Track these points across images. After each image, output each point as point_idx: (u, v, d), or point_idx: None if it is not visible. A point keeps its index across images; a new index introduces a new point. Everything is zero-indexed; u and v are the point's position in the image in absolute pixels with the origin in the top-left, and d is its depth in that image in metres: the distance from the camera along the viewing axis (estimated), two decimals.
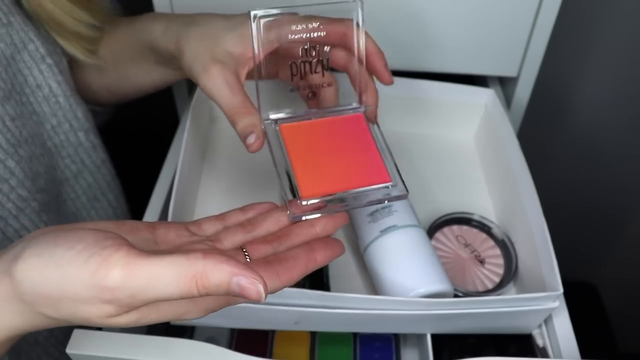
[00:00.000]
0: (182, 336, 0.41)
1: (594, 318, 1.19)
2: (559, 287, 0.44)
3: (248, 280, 0.30)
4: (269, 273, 0.34)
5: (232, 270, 0.30)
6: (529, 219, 0.51)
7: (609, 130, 0.97)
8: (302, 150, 0.42)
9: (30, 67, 0.52)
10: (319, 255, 0.37)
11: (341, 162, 0.41)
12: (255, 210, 0.41)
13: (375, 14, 0.60)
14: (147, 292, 0.29)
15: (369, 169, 0.41)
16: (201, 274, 0.30)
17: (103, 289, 0.29)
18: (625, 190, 1.06)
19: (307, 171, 0.41)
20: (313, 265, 0.36)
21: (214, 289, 0.30)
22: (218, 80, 0.43)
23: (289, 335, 0.50)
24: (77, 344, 0.40)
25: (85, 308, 0.30)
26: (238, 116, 0.42)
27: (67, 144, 0.57)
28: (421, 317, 0.45)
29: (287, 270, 0.35)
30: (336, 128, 0.44)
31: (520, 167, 0.53)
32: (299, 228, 0.39)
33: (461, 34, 0.62)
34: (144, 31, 0.54)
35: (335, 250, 0.38)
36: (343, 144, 0.43)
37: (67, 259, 0.30)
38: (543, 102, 0.87)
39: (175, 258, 0.30)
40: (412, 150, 0.64)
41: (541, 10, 0.59)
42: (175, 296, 0.30)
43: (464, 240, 0.56)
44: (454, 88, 0.63)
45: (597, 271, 1.22)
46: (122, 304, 0.30)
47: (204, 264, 0.30)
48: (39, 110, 0.54)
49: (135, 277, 0.29)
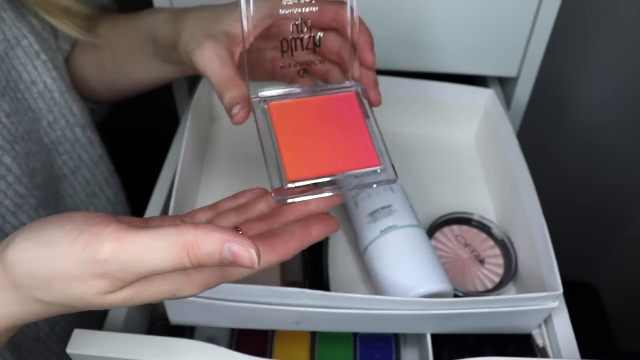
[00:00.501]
0: (182, 336, 0.41)
1: (594, 318, 1.19)
2: (558, 287, 0.44)
3: (240, 247, 0.30)
4: (264, 247, 0.33)
5: (224, 238, 0.30)
6: (529, 219, 0.51)
7: (608, 130, 0.98)
8: (290, 130, 0.40)
9: (24, 63, 0.52)
10: (314, 229, 0.36)
11: (329, 143, 0.40)
12: (246, 196, 0.41)
13: (375, 14, 0.60)
14: (138, 264, 0.29)
15: (358, 151, 0.40)
16: (192, 243, 0.29)
17: (94, 262, 0.29)
18: (625, 191, 1.06)
19: (293, 153, 0.39)
20: (309, 239, 0.36)
21: (205, 258, 0.30)
22: (210, 54, 0.42)
23: (289, 335, 0.50)
24: (77, 343, 0.40)
25: (79, 286, 0.30)
26: (226, 89, 0.41)
27: (63, 140, 0.57)
28: (421, 317, 0.45)
29: (283, 243, 0.34)
30: (327, 107, 0.42)
31: (520, 167, 0.53)
32: (292, 207, 0.38)
33: (461, 34, 0.62)
34: (146, 22, 0.53)
35: (330, 225, 0.37)
36: (333, 124, 0.41)
37: (57, 238, 0.30)
38: (543, 102, 0.87)
39: (166, 229, 0.30)
40: (412, 150, 0.65)
41: (541, 10, 0.59)
42: (168, 267, 0.30)
43: (463, 240, 0.56)
44: (454, 88, 0.63)
45: (597, 271, 1.22)
46: (114, 277, 0.30)
47: (195, 233, 0.29)
48: (34, 107, 0.53)
49: (125, 249, 0.29)
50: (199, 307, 0.44)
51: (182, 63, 0.51)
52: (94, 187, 0.61)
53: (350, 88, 0.43)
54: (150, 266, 0.29)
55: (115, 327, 0.45)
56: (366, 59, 0.44)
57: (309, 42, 0.42)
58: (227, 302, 0.43)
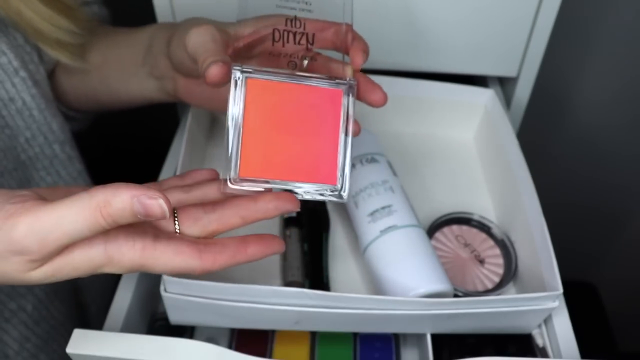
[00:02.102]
0: (182, 336, 0.41)
1: (594, 318, 1.19)
2: (558, 287, 0.44)
3: (149, 198, 0.30)
4: (190, 250, 0.33)
5: (132, 193, 0.30)
6: (529, 219, 0.51)
7: (608, 130, 0.98)
8: (260, 117, 0.38)
9: (2, 80, 0.51)
10: (250, 248, 0.35)
11: (295, 144, 0.38)
12: (194, 176, 0.40)
13: (375, 14, 0.60)
14: (55, 233, 0.30)
15: (320, 162, 0.38)
16: (103, 202, 0.30)
17: (12, 240, 0.30)
18: (625, 191, 1.06)
19: (255, 146, 0.37)
20: (241, 257, 0.35)
21: (119, 214, 0.30)
22: (205, 33, 0.42)
23: (289, 335, 0.50)
24: (77, 344, 0.40)
25: (2, 263, 0.31)
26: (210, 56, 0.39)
27: (42, 156, 0.56)
28: (421, 317, 0.45)
29: (212, 253, 0.34)
30: (307, 99, 0.39)
31: (520, 167, 0.53)
32: (238, 199, 0.37)
33: (461, 34, 0.62)
34: (147, 30, 0.53)
35: (269, 247, 0.36)
36: (306, 121, 0.38)
37: None
38: (543, 102, 0.87)
39: (77, 195, 0.30)
40: (412, 150, 0.65)
41: (541, 10, 0.59)
42: (85, 231, 0.30)
43: (463, 240, 0.56)
44: (454, 88, 0.63)
45: (597, 271, 1.22)
46: (33, 252, 0.30)
47: (105, 192, 0.30)
48: (12, 124, 0.53)
49: (40, 221, 0.30)
50: (199, 307, 0.44)
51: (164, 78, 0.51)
52: None
53: (341, 85, 0.39)
54: (66, 232, 0.30)
55: (115, 327, 0.45)
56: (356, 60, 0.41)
57: (301, 37, 0.40)
58: (227, 302, 0.43)
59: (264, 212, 0.36)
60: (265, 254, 0.36)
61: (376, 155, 0.55)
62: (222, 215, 0.36)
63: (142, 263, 0.33)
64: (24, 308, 0.54)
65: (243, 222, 0.37)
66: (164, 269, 0.34)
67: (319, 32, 0.41)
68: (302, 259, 0.52)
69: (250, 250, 0.36)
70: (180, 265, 0.33)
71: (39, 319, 0.56)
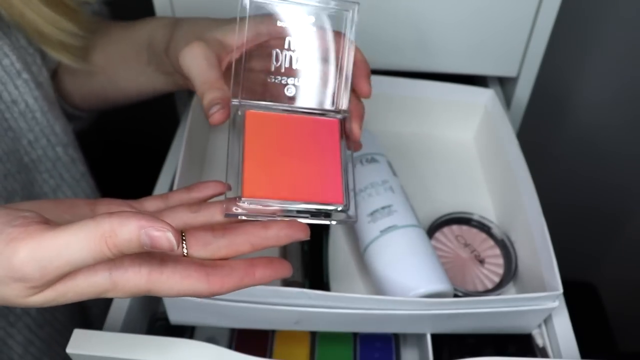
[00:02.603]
0: (182, 336, 0.41)
1: (594, 318, 1.19)
2: (558, 287, 0.44)
3: (157, 232, 0.29)
4: (198, 274, 0.32)
5: (140, 224, 0.29)
6: (529, 219, 0.51)
7: (608, 130, 0.98)
8: (261, 144, 0.38)
9: (4, 83, 0.51)
10: (258, 271, 0.34)
11: (297, 167, 0.38)
12: (201, 190, 0.39)
13: (375, 14, 0.60)
14: (57, 262, 0.29)
15: (325, 183, 0.38)
16: (109, 232, 0.29)
17: (12, 266, 0.29)
18: (625, 190, 1.06)
19: (257, 169, 0.37)
20: (249, 280, 0.34)
21: (125, 245, 0.29)
22: (197, 53, 0.42)
23: (289, 335, 0.50)
24: (77, 344, 0.40)
25: (2, 288, 0.30)
26: (208, 90, 0.40)
27: (44, 158, 0.56)
28: (421, 317, 0.45)
29: (219, 277, 0.33)
30: (305, 128, 0.40)
31: (520, 167, 0.53)
32: (249, 225, 0.36)
33: (461, 34, 0.62)
34: (144, 27, 0.53)
35: (278, 271, 0.35)
36: (307, 147, 0.39)
37: None
38: (543, 102, 0.87)
39: (82, 223, 0.29)
40: (412, 150, 0.65)
41: (541, 10, 0.59)
42: (89, 260, 0.29)
43: (463, 240, 0.56)
44: (454, 88, 0.63)
45: (597, 271, 1.22)
46: (33, 279, 0.29)
47: (111, 222, 0.29)
48: (14, 127, 0.52)
49: (43, 249, 0.29)
50: (199, 307, 0.44)
51: (174, 74, 0.51)
52: None
53: (336, 115, 0.41)
54: (69, 261, 0.29)
55: (115, 327, 0.45)
56: (362, 89, 0.42)
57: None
58: (227, 302, 0.43)
59: (276, 240, 0.36)
60: (273, 278, 0.35)
61: (376, 155, 0.55)
62: (232, 242, 0.35)
63: (148, 288, 0.32)
64: (29, 312, 0.54)
65: (253, 249, 0.36)
66: (170, 293, 0.33)
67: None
68: (302, 259, 0.52)
69: (259, 274, 0.34)
70: (187, 289, 0.32)
71: (43, 323, 0.56)
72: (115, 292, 0.32)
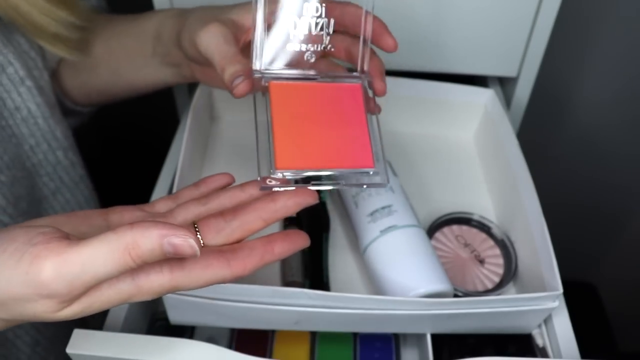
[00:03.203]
0: (182, 336, 0.41)
1: (594, 318, 1.19)
2: (558, 287, 0.44)
3: (179, 239, 0.30)
4: (218, 261, 0.33)
5: (161, 233, 0.30)
6: (529, 219, 0.51)
7: (608, 130, 0.98)
8: (288, 115, 0.38)
9: (9, 90, 0.51)
10: (277, 246, 0.35)
11: (326, 135, 0.38)
12: (208, 183, 0.40)
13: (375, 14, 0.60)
14: (83, 277, 0.29)
15: (354, 149, 0.38)
16: (132, 244, 0.29)
17: (39, 284, 0.29)
18: (625, 191, 1.06)
19: (287, 140, 0.37)
20: (270, 256, 0.35)
21: (148, 255, 0.30)
22: (215, 32, 0.42)
23: (289, 335, 0.50)
24: (77, 344, 0.40)
25: (30, 306, 0.30)
26: (228, 63, 0.40)
27: (45, 162, 0.56)
28: (421, 317, 0.45)
29: (240, 259, 0.33)
30: (330, 95, 0.40)
31: (519, 167, 0.53)
32: (257, 202, 0.37)
33: (461, 34, 0.62)
34: (151, 19, 0.53)
35: (296, 242, 0.36)
36: (333, 114, 0.39)
37: (2, 261, 0.30)
38: (543, 102, 0.87)
39: (104, 236, 0.30)
40: (412, 150, 0.65)
41: (541, 10, 0.59)
42: (114, 272, 0.30)
43: (463, 240, 0.56)
44: (454, 88, 0.63)
45: (597, 271, 1.22)
46: (61, 295, 0.30)
47: (133, 233, 0.29)
48: (17, 132, 0.53)
49: (68, 265, 0.29)
50: (199, 307, 0.44)
51: (181, 65, 0.51)
52: (74, 206, 0.61)
53: (357, 79, 0.41)
54: (94, 275, 0.30)
55: (115, 327, 0.45)
56: (387, 42, 0.43)
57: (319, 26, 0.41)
58: (227, 302, 0.43)
59: (285, 210, 0.36)
60: (292, 250, 0.36)
61: None
62: (244, 222, 0.36)
63: (173, 285, 0.32)
64: None
65: (265, 224, 0.36)
66: (196, 285, 0.33)
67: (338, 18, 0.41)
68: (302, 259, 0.52)
69: (277, 249, 0.35)
70: (211, 278, 0.33)
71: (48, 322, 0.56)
72: (141, 296, 0.32)
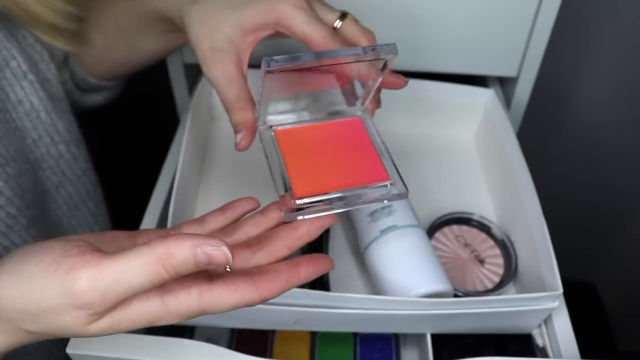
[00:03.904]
0: (182, 336, 0.41)
1: (594, 318, 1.19)
2: (558, 287, 0.44)
3: (212, 248, 0.30)
4: (246, 284, 0.33)
5: (195, 242, 0.30)
6: (529, 219, 0.51)
7: (608, 130, 0.98)
8: (298, 153, 0.41)
9: (12, 84, 0.52)
10: (302, 270, 0.36)
11: (337, 163, 0.40)
12: (234, 209, 0.40)
13: (375, 15, 0.60)
14: (117, 288, 0.29)
15: (367, 168, 0.40)
16: (166, 255, 0.30)
17: (74, 294, 0.29)
18: (625, 190, 1.06)
19: (301, 172, 0.39)
20: (295, 280, 0.35)
21: (182, 265, 0.30)
22: (216, 73, 0.42)
23: (289, 335, 0.50)
24: (77, 344, 0.40)
25: (62, 318, 0.30)
26: (232, 110, 0.42)
27: (47, 156, 0.57)
28: (421, 317, 0.45)
29: (267, 282, 0.34)
30: (333, 131, 0.43)
31: (519, 167, 0.53)
32: (281, 230, 0.38)
33: (461, 34, 0.62)
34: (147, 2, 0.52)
35: (320, 266, 0.37)
36: (340, 145, 0.42)
37: (38, 272, 0.30)
38: (543, 102, 0.87)
39: (138, 249, 0.30)
40: (412, 150, 0.65)
41: (541, 10, 0.59)
42: (147, 284, 0.30)
43: (463, 240, 0.56)
44: (454, 88, 0.63)
45: (597, 271, 1.22)
46: (95, 306, 0.30)
47: (166, 245, 0.30)
48: (20, 126, 0.53)
49: (102, 275, 0.29)
50: None
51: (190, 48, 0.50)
52: (76, 200, 0.61)
53: (355, 114, 0.44)
54: (128, 287, 0.30)
55: None
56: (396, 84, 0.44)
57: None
58: None
59: (307, 236, 0.38)
60: (317, 274, 0.37)
61: None
62: (271, 251, 0.37)
63: (202, 309, 0.33)
64: None
65: (289, 251, 0.37)
66: (224, 308, 0.33)
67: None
68: None
69: (303, 272, 0.36)
70: (239, 301, 0.33)
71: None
72: (169, 318, 0.32)
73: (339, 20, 0.43)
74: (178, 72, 0.67)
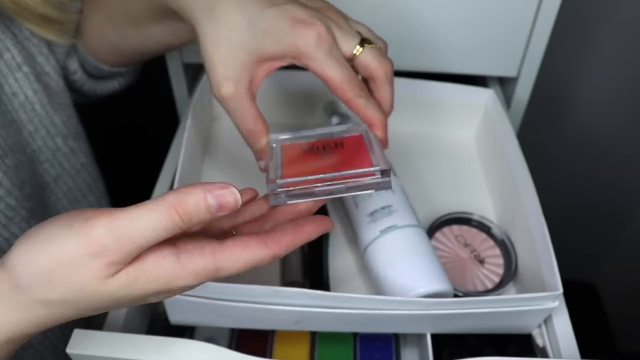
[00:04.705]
0: (182, 336, 0.41)
1: (594, 318, 1.19)
2: (558, 287, 0.44)
3: (220, 189, 0.32)
4: (256, 242, 0.34)
5: (204, 187, 0.32)
6: (529, 219, 0.51)
7: (608, 130, 0.98)
8: (296, 154, 0.43)
9: (5, 76, 0.52)
10: (307, 227, 0.37)
11: (330, 160, 0.42)
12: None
13: (375, 14, 0.60)
14: (132, 233, 0.30)
15: (354, 158, 0.41)
16: (177, 200, 0.31)
17: (90, 240, 0.31)
18: (625, 190, 1.07)
19: (294, 163, 0.41)
20: (301, 235, 0.37)
21: (194, 210, 0.31)
22: (232, 105, 0.43)
23: (289, 335, 0.50)
24: (77, 343, 0.40)
25: (79, 273, 0.31)
26: (249, 140, 0.44)
27: (45, 149, 0.57)
28: (421, 317, 0.45)
29: (275, 239, 0.35)
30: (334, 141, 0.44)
31: (519, 167, 0.53)
32: (283, 207, 0.40)
33: (461, 34, 0.62)
34: None
35: (323, 224, 0.38)
36: (337, 151, 0.43)
37: (54, 231, 0.31)
38: (543, 102, 0.87)
39: (151, 200, 0.32)
40: (412, 150, 0.65)
41: (541, 10, 0.59)
42: (161, 231, 0.31)
43: (463, 240, 0.56)
44: (454, 88, 0.63)
45: (597, 271, 1.22)
46: (111, 252, 0.31)
47: (177, 192, 0.31)
48: (16, 118, 0.53)
49: (118, 220, 0.31)
50: (199, 307, 0.44)
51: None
52: (77, 194, 0.61)
53: (359, 129, 0.45)
54: (144, 233, 0.31)
55: (115, 327, 0.45)
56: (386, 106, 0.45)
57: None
58: (227, 302, 0.43)
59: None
60: (321, 231, 0.38)
61: None
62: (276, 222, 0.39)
63: (216, 267, 0.33)
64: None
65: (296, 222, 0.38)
66: (237, 266, 0.34)
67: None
68: (302, 259, 0.52)
69: (308, 229, 0.37)
70: (250, 258, 0.34)
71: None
72: (184, 277, 0.33)
73: (359, 46, 0.43)
74: (178, 71, 0.67)
